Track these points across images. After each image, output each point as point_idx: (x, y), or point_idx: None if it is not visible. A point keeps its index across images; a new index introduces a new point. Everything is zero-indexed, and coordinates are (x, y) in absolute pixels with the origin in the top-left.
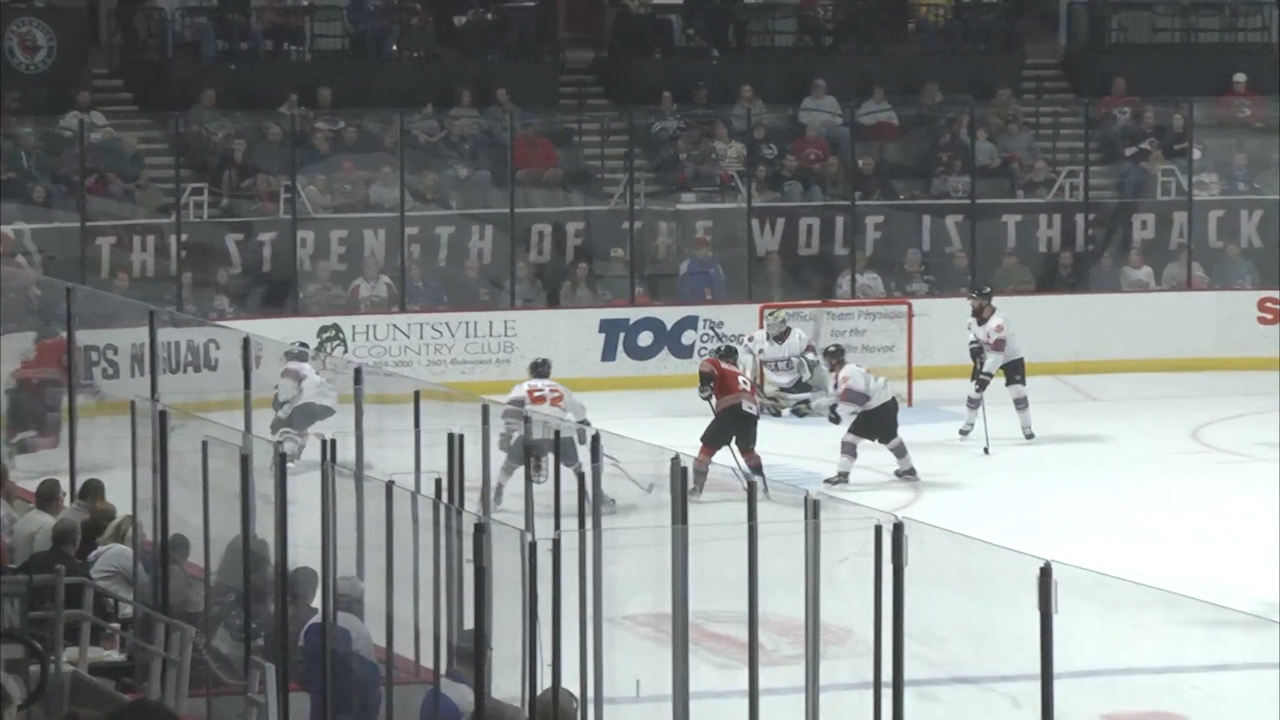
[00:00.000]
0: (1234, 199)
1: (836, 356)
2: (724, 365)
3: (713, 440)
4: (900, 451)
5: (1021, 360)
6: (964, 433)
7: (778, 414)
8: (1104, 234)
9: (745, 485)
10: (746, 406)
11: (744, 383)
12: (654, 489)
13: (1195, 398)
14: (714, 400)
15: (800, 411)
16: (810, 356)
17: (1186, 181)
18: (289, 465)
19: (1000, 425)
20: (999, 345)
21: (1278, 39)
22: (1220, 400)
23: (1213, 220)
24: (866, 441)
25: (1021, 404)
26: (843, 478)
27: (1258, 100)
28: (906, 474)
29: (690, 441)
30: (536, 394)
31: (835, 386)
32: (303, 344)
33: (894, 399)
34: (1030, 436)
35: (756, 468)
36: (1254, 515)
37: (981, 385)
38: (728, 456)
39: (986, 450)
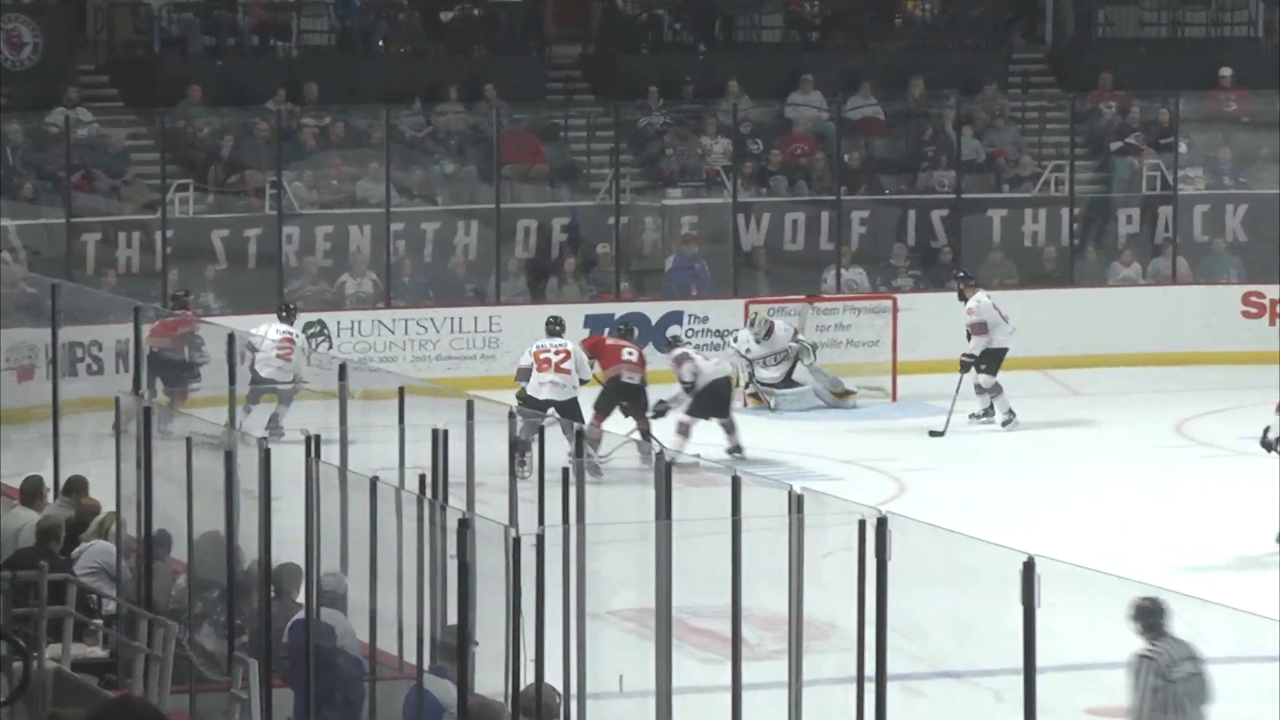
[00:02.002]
0: (1220, 193)
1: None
2: (607, 340)
3: (601, 408)
4: (730, 429)
5: (999, 352)
6: (974, 416)
7: (771, 407)
8: (1090, 229)
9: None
10: (626, 377)
11: (628, 355)
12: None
13: (1180, 392)
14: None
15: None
16: (794, 341)
17: (1172, 176)
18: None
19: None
20: (974, 328)
21: (1264, 33)
22: (1205, 394)
23: (1198, 215)
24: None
25: (980, 390)
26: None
27: (1244, 94)
28: (733, 451)
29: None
30: (543, 357)
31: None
32: (288, 305)
33: (726, 377)
34: (987, 416)
35: (645, 432)
36: (1239, 509)
37: (962, 367)
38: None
39: (935, 433)
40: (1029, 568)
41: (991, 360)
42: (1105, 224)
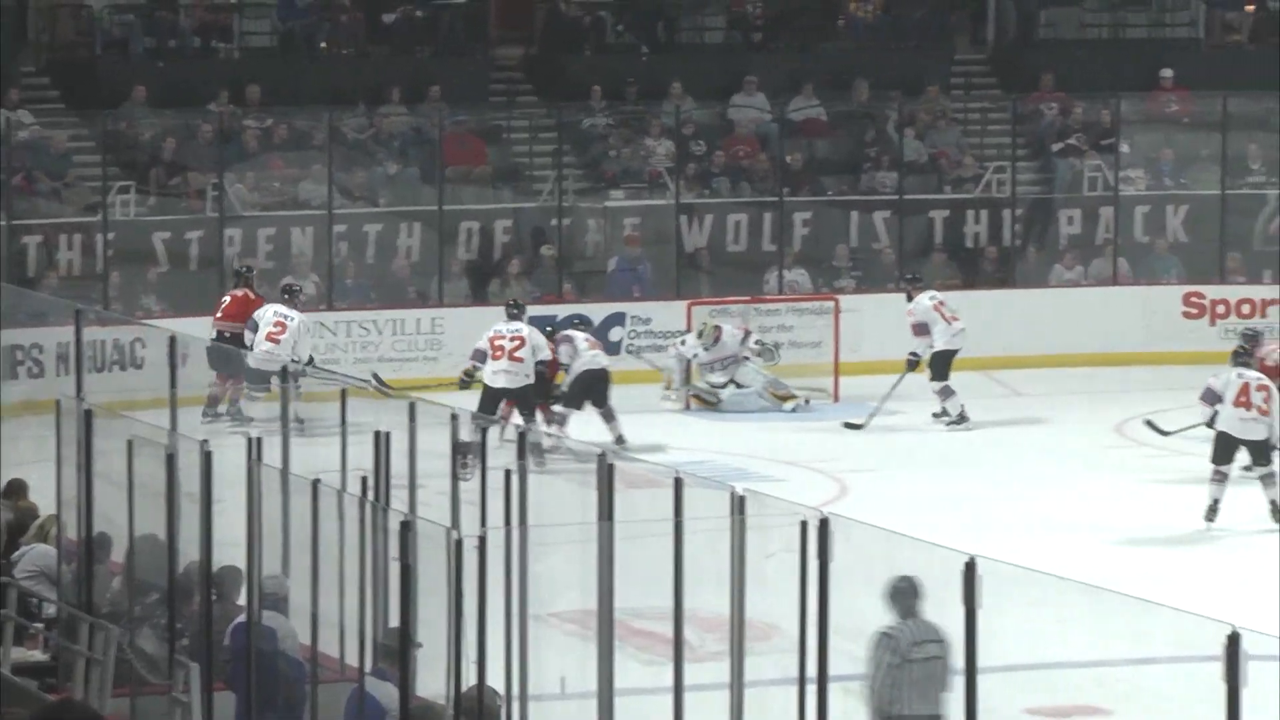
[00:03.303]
0: (1161, 194)
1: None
2: (495, 341)
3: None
4: (609, 418)
5: (944, 354)
6: (935, 416)
7: (682, 393)
8: (1031, 230)
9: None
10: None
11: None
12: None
13: (1121, 392)
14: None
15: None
16: (752, 345)
17: (1113, 177)
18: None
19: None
20: (914, 329)
21: (1205, 34)
22: (1146, 394)
23: (1139, 215)
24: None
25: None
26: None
27: (1185, 95)
28: (618, 441)
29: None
30: (498, 344)
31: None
32: (290, 287)
33: (603, 369)
34: (937, 416)
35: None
36: (1179, 508)
37: (908, 365)
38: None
39: (851, 424)
40: (970, 568)
41: (938, 363)
42: (1047, 225)
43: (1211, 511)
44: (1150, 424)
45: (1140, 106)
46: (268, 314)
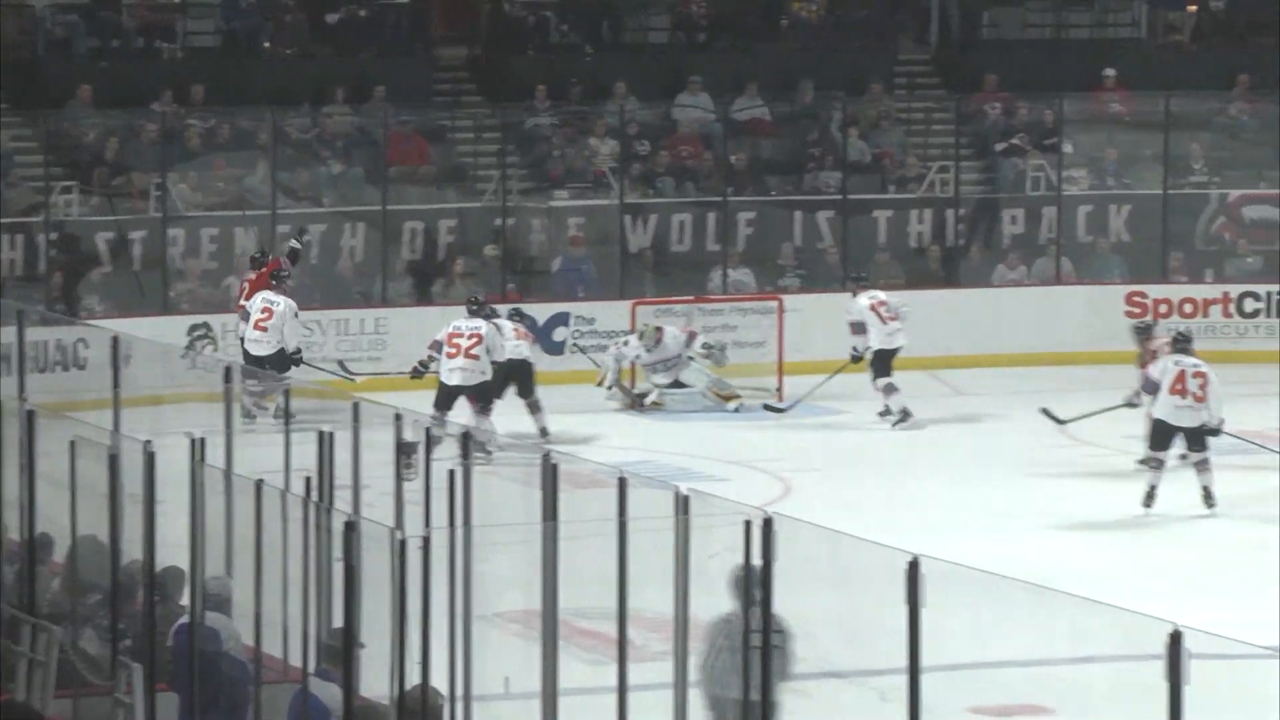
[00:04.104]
0: (1103, 194)
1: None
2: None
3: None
4: (535, 408)
5: (883, 353)
6: (880, 415)
7: (636, 406)
8: (975, 230)
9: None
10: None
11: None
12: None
13: (1064, 391)
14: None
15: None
16: (699, 348)
17: (1056, 177)
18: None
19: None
20: (851, 328)
21: (1147, 34)
22: (1089, 394)
23: (1082, 215)
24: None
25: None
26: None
27: (1127, 95)
28: (542, 433)
29: (561, 432)
30: (455, 340)
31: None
32: (278, 273)
33: (524, 360)
34: (882, 415)
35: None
36: (1120, 507)
37: (851, 359)
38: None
39: (770, 407)
40: (914, 567)
41: (878, 361)
42: (990, 225)
43: (1149, 498)
44: (1045, 412)
45: (1083, 106)
46: (256, 301)
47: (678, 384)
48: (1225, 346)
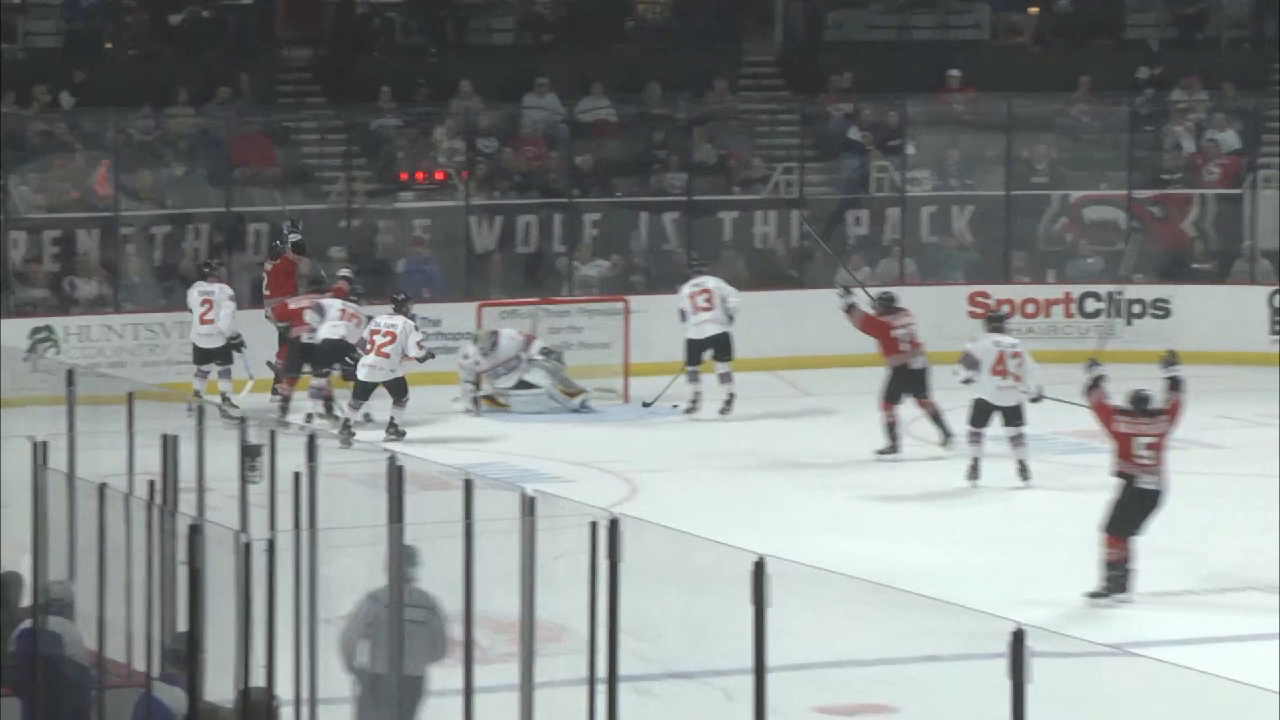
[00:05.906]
0: (947, 194)
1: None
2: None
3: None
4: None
5: (690, 341)
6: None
7: (476, 406)
8: (819, 230)
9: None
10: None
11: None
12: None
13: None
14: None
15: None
16: (536, 353)
17: (900, 178)
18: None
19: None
20: (680, 314)
21: (990, 35)
22: (934, 393)
23: (925, 216)
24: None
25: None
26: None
27: (971, 96)
28: (364, 417)
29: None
30: (373, 337)
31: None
32: (208, 262)
33: (341, 339)
34: (689, 410)
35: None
36: (958, 504)
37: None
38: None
39: (645, 404)
40: (759, 568)
41: (687, 349)
42: (834, 226)
43: (973, 470)
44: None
45: (927, 107)
46: (193, 294)
47: (524, 384)
48: (1068, 346)
